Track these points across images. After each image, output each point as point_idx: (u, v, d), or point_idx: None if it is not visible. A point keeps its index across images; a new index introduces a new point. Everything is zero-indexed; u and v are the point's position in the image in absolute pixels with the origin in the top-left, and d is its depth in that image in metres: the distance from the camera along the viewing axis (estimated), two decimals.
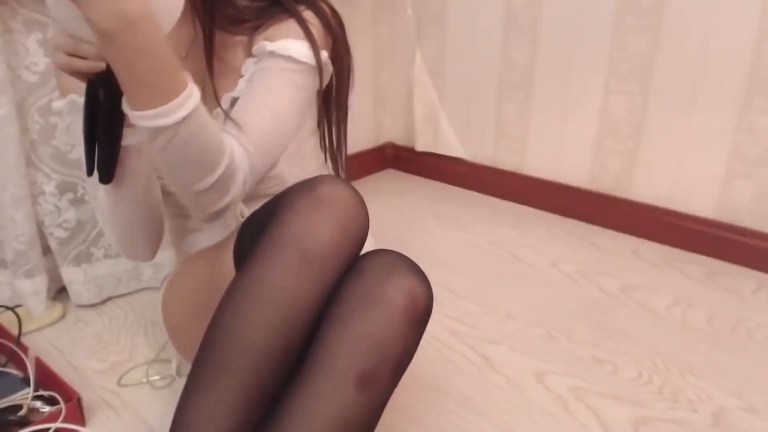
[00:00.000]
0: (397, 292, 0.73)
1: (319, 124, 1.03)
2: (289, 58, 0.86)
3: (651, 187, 1.60)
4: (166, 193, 0.98)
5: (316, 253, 0.72)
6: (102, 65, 0.70)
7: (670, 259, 1.52)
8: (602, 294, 1.37)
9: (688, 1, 1.42)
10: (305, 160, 0.98)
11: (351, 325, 0.72)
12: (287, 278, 0.71)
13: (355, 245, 0.75)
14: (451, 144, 1.98)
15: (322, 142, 1.04)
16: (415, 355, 1.16)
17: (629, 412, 1.01)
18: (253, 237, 0.77)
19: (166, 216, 1.00)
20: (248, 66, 0.90)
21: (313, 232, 0.72)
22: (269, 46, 0.86)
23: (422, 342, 1.18)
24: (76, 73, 0.71)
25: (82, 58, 0.69)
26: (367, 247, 1.06)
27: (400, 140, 2.15)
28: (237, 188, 0.79)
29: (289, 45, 0.86)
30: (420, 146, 2.05)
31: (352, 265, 0.76)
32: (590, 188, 1.71)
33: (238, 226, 0.84)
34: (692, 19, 1.42)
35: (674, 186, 1.56)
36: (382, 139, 2.15)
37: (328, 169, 1.06)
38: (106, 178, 0.79)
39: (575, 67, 1.64)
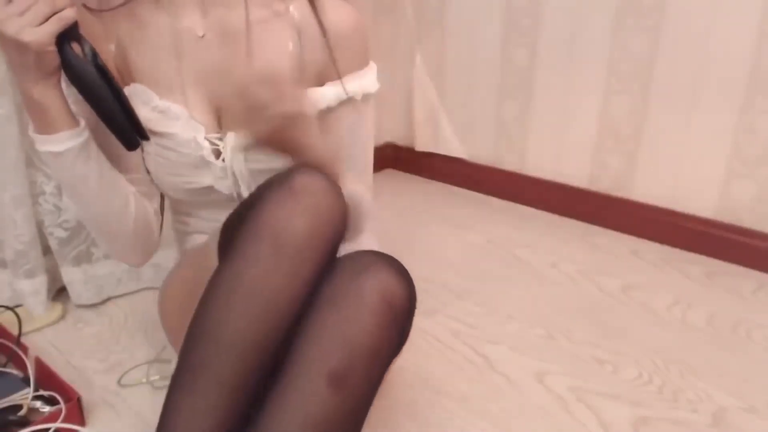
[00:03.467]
0: (370, 288, 0.72)
1: None
2: (367, 97, 0.92)
3: (651, 187, 1.60)
4: (168, 196, 0.98)
5: (290, 244, 0.70)
6: (71, 15, 0.72)
7: (670, 259, 1.52)
8: (602, 294, 1.37)
9: (688, 1, 1.42)
10: None
11: (322, 322, 0.71)
12: (262, 271, 0.69)
13: (332, 235, 0.74)
14: (451, 144, 1.98)
15: None
16: (415, 355, 1.16)
17: (629, 412, 1.01)
18: (232, 229, 0.76)
19: (147, 213, 0.98)
20: (315, 98, 0.88)
21: (286, 223, 0.70)
22: (341, 92, 0.88)
23: (422, 342, 1.19)
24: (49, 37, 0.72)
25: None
26: (373, 247, 1.06)
27: (400, 140, 2.15)
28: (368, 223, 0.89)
29: (362, 84, 0.90)
30: (420, 146, 2.05)
31: (331, 258, 0.74)
32: (590, 188, 1.71)
33: None
34: (692, 19, 1.42)
35: (674, 186, 1.56)
36: (382, 140, 2.15)
37: None
38: (139, 134, 0.80)
39: (575, 68, 1.64)
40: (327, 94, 0.88)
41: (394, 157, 2.16)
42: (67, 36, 0.73)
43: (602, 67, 1.59)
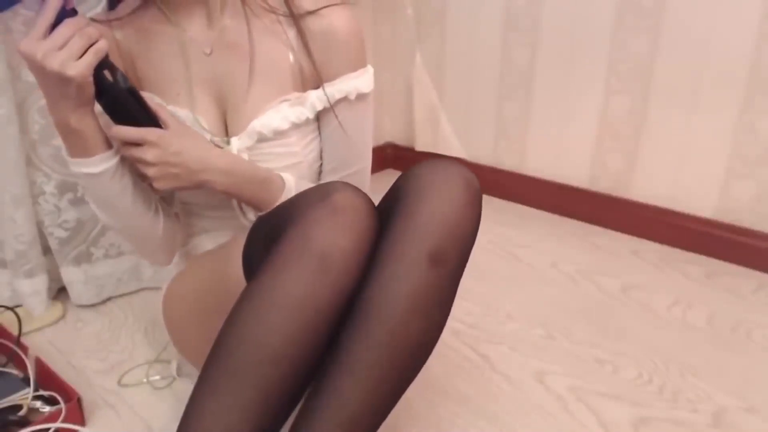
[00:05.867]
0: (455, 174, 0.78)
1: None
2: (363, 96, 0.92)
3: (651, 187, 1.60)
4: (170, 197, 0.99)
5: (335, 261, 0.71)
6: (105, 46, 0.77)
7: (670, 259, 1.52)
8: (602, 294, 1.37)
9: (688, 1, 1.42)
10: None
11: (417, 207, 0.75)
12: (305, 286, 0.71)
13: (370, 252, 0.76)
14: (451, 144, 1.98)
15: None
16: None
17: (629, 412, 1.01)
18: (265, 242, 0.77)
19: (170, 217, 1.00)
20: (312, 100, 0.91)
21: (331, 240, 0.72)
22: (337, 92, 0.90)
23: None
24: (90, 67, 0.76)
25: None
26: None
27: (400, 140, 2.15)
28: None
29: (357, 84, 0.90)
30: (420, 146, 2.05)
31: (366, 271, 0.76)
32: (590, 188, 1.71)
33: (246, 229, 0.85)
34: (692, 19, 1.42)
35: (674, 186, 1.56)
36: (382, 139, 2.15)
37: None
38: None
39: (575, 68, 1.64)
40: (323, 95, 0.90)
41: (394, 157, 2.16)
42: (100, 65, 0.77)
43: (602, 67, 1.59)
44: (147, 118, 0.82)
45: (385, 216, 0.78)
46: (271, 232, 0.77)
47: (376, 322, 0.74)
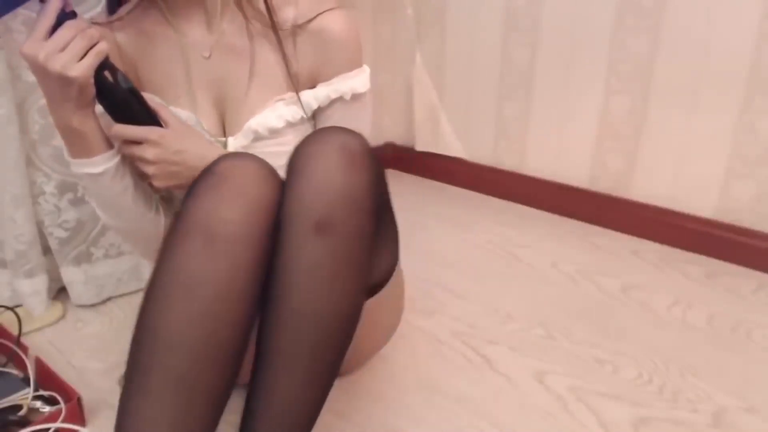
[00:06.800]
0: (330, 143, 0.74)
1: None
2: (358, 96, 0.92)
3: (651, 187, 1.60)
4: (170, 197, 0.99)
5: (219, 233, 0.69)
6: (105, 48, 0.77)
7: (670, 259, 1.52)
8: (602, 294, 1.37)
9: (688, 1, 1.42)
10: None
11: (298, 182, 0.73)
12: (195, 263, 0.68)
13: (265, 221, 0.73)
14: (451, 144, 1.98)
15: None
16: (415, 355, 1.17)
17: (629, 412, 1.01)
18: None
19: (171, 217, 1.00)
20: (307, 99, 0.91)
21: (213, 212, 0.69)
22: (332, 92, 0.90)
23: (422, 342, 1.19)
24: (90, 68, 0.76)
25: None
26: None
27: (400, 140, 2.15)
28: None
29: (352, 84, 0.91)
30: (420, 146, 2.05)
31: (269, 242, 0.73)
32: (590, 188, 1.71)
33: None
34: (692, 19, 1.42)
35: (674, 186, 1.56)
36: (382, 139, 2.15)
37: None
38: None
39: (575, 67, 1.64)
40: (318, 94, 0.91)
41: (394, 157, 2.16)
42: (101, 66, 0.78)
43: (602, 67, 1.59)
44: (148, 117, 0.82)
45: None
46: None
47: (281, 302, 0.72)
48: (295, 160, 0.75)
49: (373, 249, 0.76)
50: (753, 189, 1.45)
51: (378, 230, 0.81)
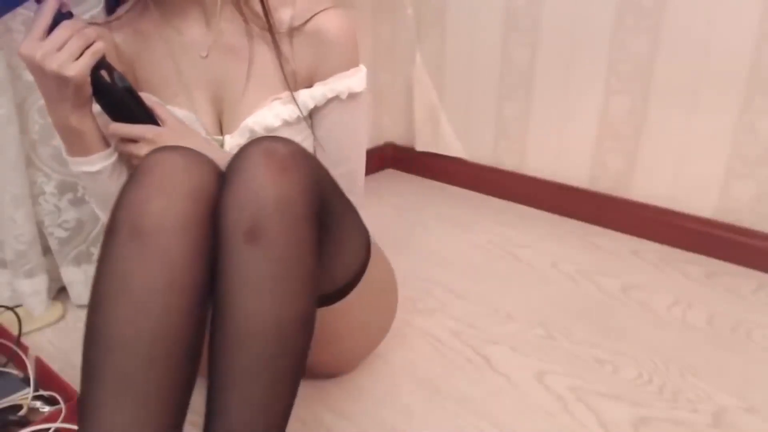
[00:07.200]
0: (253, 151, 0.71)
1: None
2: (355, 95, 0.92)
3: (651, 187, 1.60)
4: None
5: (144, 226, 0.67)
6: (102, 47, 0.78)
7: (670, 259, 1.52)
8: (602, 294, 1.37)
9: (688, 1, 1.42)
10: None
11: (227, 194, 0.70)
12: (124, 261, 0.66)
13: (197, 214, 0.70)
14: (451, 144, 1.98)
15: None
16: (415, 355, 1.16)
17: (629, 412, 1.01)
18: None
19: None
20: (304, 98, 0.91)
21: (137, 206, 0.67)
22: (328, 91, 0.90)
23: (422, 342, 1.19)
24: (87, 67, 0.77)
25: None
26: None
27: (400, 140, 2.15)
28: None
29: (349, 83, 0.91)
30: (420, 146, 2.05)
31: (210, 234, 0.71)
32: (590, 188, 1.71)
33: None
34: (692, 19, 1.42)
35: (674, 186, 1.56)
36: (382, 139, 2.15)
37: None
38: None
39: (575, 67, 1.64)
40: (315, 93, 0.91)
41: (394, 157, 2.16)
42: (98, 65, 0.78)
43: (602, 67, 1.59)
44: (144, 116, 0.83)
45: None
46: None
47: (224, 318, 0.69)
48: (227, 173, 0.72)
49: (317, 253, 0.73)
50: (753, 189, 1.45)
51: (331, 232, 0.80)
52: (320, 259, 0.76)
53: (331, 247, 0.83)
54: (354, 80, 0.92)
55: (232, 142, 0.91)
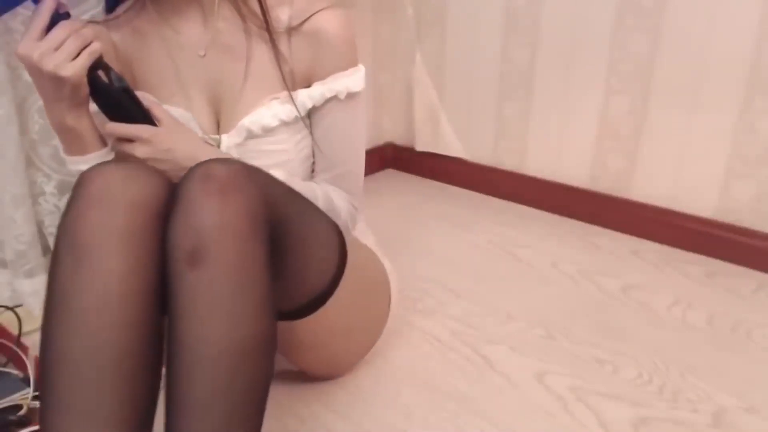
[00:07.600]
0: (193, 174, 0.70)
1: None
2: (353, 95, 0.92)
3: (651, 187, 1.60)
4: None
5: (79, 241, 0.67)
6: (98, 48, 0.78)
7: (670, 259, 1.52)
8: (602, 294, 1.37)
9: (688, 1, 1.42)
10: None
11: (173, 214, 0.69)
12: (62, 277, 0.67)
13: (134, 218, 0.69)
14: (451, 144, 1.98)
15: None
16: (415, 355, 1.17)
17: (629, 412, 1.01)
18: None
19: None
20: (302, 98, 0.91)
21: (72, 221, 0.68)
22: (327, 91, 0.90)
23: (422, 342, 1.19)
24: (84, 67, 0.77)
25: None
26: (368, 239, 1.07)
27: (400, 140, 2.15)
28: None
29: (347, 83, 0.91)
30: (420, 146, 2.05)
31: (153, 240, 0.70)
32: (590, 188, 1.71)
33: None
34: (692, 19, 1.42)
35: (674, 186, 1.56)
36: (382, 139, 2.15)
37: None
38: None
39: (575, 67, 1.64)
40: (313, 93, 0.91)
41: (394, 157, 2.16)
42: (95, 66, 0.79)
43: (602, 67, 1.59)
44: (141, 115, 0.83)
45: None
46: None
47: (175, 341, 0.68)
48: (174, 197, 0.72)
49: (269, 271, 0.71)
50: (753, 189, 1.45)
51: (292, 246, 0.79)
52: (283, 275, 0.76)
53: (296, 260, 0.81)
54: (352, 80, 0.92)
55: (229, 141, 0.91)
